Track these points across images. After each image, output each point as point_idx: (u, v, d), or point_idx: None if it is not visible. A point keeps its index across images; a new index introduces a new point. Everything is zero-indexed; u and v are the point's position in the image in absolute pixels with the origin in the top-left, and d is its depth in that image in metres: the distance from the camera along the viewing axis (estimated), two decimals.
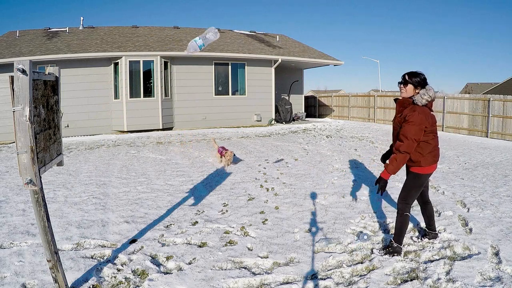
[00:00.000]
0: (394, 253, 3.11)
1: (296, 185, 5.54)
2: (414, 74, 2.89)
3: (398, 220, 3.11)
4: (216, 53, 14.06)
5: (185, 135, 12.07)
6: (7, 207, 4.45)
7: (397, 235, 3.13)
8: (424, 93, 2.84)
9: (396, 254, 3.10)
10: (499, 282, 2.67)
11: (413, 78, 2.87)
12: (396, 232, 3.14)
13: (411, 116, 2.79)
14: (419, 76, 2.88)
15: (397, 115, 3.00)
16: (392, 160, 2.85)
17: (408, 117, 2.80)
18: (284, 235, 3.62)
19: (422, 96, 2.84)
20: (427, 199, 3.36)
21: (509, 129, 11.40)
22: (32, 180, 2.06)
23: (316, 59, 16.32)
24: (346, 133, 12.64)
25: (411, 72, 2.93)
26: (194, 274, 2.85)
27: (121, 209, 4.40)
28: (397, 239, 3.13)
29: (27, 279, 2.69)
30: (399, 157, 2.83)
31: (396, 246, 3.12)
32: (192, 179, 5.96)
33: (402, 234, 3.12)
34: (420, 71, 2.92)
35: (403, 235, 3.13)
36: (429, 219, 3.40)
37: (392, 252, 3.11)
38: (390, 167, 2.86)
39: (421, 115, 2.80)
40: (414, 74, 2.89)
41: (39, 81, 2.24)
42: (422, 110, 2.83)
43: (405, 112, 2.87)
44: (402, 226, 3.09)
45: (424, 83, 2.88)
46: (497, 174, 6.25)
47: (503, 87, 29.80)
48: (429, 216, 3.38)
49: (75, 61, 12.32)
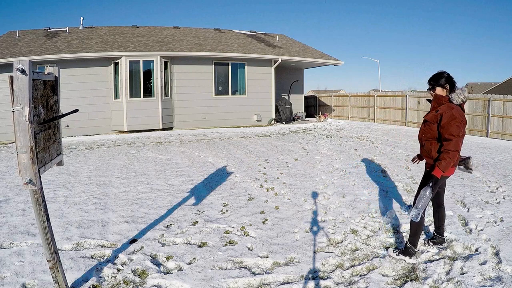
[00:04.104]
0: (408, 255, 3.11)
1: (296, 185, 5.54)
2: (438, 76, 2.97)
3: (414, 224, 3.08)
4: (216, 53, 14.06)
5: (185, 135, 12.07)
6: (7, 207, 4.44)
7: (412, 236, 3.11)
8: (460, 92, 2.90)
9: (409, 256, 3.10)
10: (499, 282, 2.67)
11: (439, 80, 2.95)
12: (411, 233, 3.12)
13: (452, 114, 2.82)
14: (441, 75, 2.95)
15: (432, 111, 3.00)
16: (444, 158, 2.79)
17: (450, 115, 2.82)
18: (284, 235, 3.62)
19: (458, 95, 2.90)
20: (441, 202, 3.34)
21: (509, 129, 11.40)
22: (32, 180, 2.06)
23: (316, 59, 16.31)
24: (346, 133, 12.64)
25: (434, 75, 3.00)
26: (194, 274, 2.85)
27: (121, 209, 4.40)
28: (412, 241, 3.12)
29: (27, 279, 2.69)
30: (451, 154, 2.79)
31: (410, 247, 3.12)
32: (192, 179, 5.96)
33: (417, 236, 3.11)
34: (441, 70, 2.99)
35: (418, 237, 3.12)
36: (439, 223, 3.38)
37: (405, 254, 3.12)
38: (442, 164, 2.79)
39: (460, 111, 2.86)
40: (437, 75, 2.97)
41: (38, 81, 2.24)
42: (458, 108, 2.88)
43: (442, 109, 2.88)
44: (418, 228, 3.08)
45: (449, 79, 2.93)
46: (497, 174, 6.25)
47: (503, 87, 29.81)
48: (440, 219, 3.37)
49: (75, 61, 12.32)
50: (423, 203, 2.86)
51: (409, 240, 3.13)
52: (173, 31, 17.20)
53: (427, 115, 3.02)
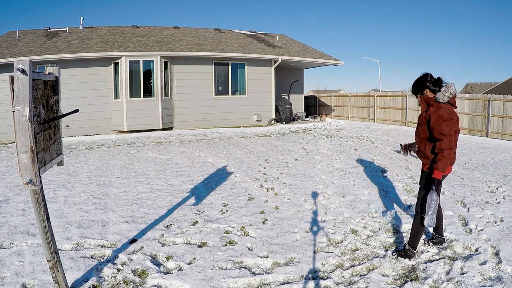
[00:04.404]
0: (407, 257, 3.07)
1: (296, 185, 5.54)
2: (415, 85, 2.98)
3: (415, 223, 3.07)
4: (216, 53, 14.06)
5: (185, 135, 12.07)
6: (7, 207, 4.44)
7: (413, 238, 3.09)
8: (445, 90, 2.89)
9: (408, 258, 3.07)
10: (499, 282, 2.67)
11: (418, 89, 2.96)
12: (411, 235, 3.10)
13: (438, 114, 2.83)
14: (419, 82, 2.95)
15: (422, 113, 3.02)
16: (439, 159, 2.79)
17: (437, 115, 2.83)
18: (284, 235, 3.62)
19: (443, 93, 2.89)
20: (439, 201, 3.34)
21: (509, 129, 11.40)
22: (32, 180, 2.06)
23: (316, 59, 16.31)
24: (346, 133, 12.64)
25: (413, 84, 3.01)
26: (194, 274, 2.85)
27: (121, 209, 4.40)
28: (412, 243, 3.09)
29: (27, 279, 2.69)
30: (446, 153, 2.79)
31: (409, 250, 3.09)
32: (192, 179, 5.96)
33: (418, 238, 3.08)
34: (420, 75, 2.98)
35: (418, 239, 3.09)
36: (438, 223, 3.37)
37: (404, 256, 3.08)
38: (440, 165, 2.79)
39: (446, 110, 2.86)
40: (415, 84, 2.98)
41: (39, 81, 2.24)
42: (446, 107, 2.89)
43: (431, 110, 2.90)
44: (419, 230, 3.06)
45: (433, 80, 2.92)
46: (497, 174, 6.25)
47: (503, 87, 29.81)
48: (438, 219, 3.35)
49: (75, 61, 12.32)
50: (433, 208, 2.82)
51: (409, 242, 3.11)
52: (173, 31, 17.20)
53: (420, 118, 3.05)
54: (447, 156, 2.78)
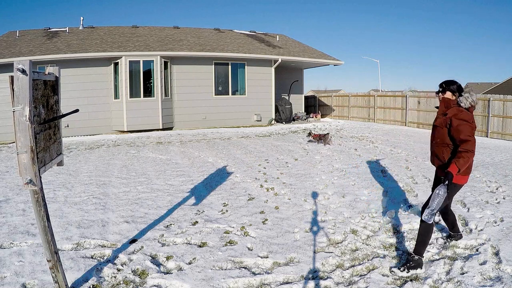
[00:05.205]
0: (418, 267, 2.87)
1: (296, 185, 5.54)
2: (450, 82, 2.99)
3: (423, 230, 2.89)
4: (216, 53, 14.07)
5: (185, 135, 12.07)
6: (7, 207, 4.45)
7: (420, 245, 2.90)
8: (469, 96, 2.89)
9: (419, 267, 2.87)
10: (499, 282, 2.67)
11: (451, 85, 2.97)
12: (418, 242, 2.91)
13: (464, 116, 2.81)
14: (455, 83, 2.97)
15: (440, 114, 3.00)
16: (461, 156, 2.72)
17: (462, 116, 2.81)
18: (284, 235, 3.62)
19: (466, 98, 2.89)
20: (448, 208, 3.31)
21: (509, 129, 11.40)
22: (32, 180, 2.06)
23: (316, 59, 16.31)
24: (346, 133, 12.64)
25: (448, 80, 3.02)
26: (194, 274, 2.85)
27: (121, 209, 4.40)
28: (418, 250, 2.90)
29: (27, 279, 2.69)
30: (469, 154, 2.74)
31: (418, 259, 2.89)
32: (192, 179, 5.96)
33: (425, 244, 2.91)
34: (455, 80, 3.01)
35: (425, 246, 2.92)
36: (452, 225, 3.37)
37: (415, 267, 2.86)
38: (460, 162, 2.69)
39: (469, 114, 2.85)
40: (451, 81, 2.99)
41: (39, 81, 2.24)
42: (467, 112, 2.88)
43: (451, 112, 2.88)
44: (426, 236, 2.89)
45: (460, 90, 2.95)
46: (497, 174, 6.25)
47: (503, 87, 29.80)
48: (452, 222, 3.35)
49: (75, 61, 12.32)
50: (437, 202, 2.64)
51: (415, 251, 2.91)
52: (173, 31, 17.20)
53: (437, 120, 3.01)
54: (470, 157, 2.73)
